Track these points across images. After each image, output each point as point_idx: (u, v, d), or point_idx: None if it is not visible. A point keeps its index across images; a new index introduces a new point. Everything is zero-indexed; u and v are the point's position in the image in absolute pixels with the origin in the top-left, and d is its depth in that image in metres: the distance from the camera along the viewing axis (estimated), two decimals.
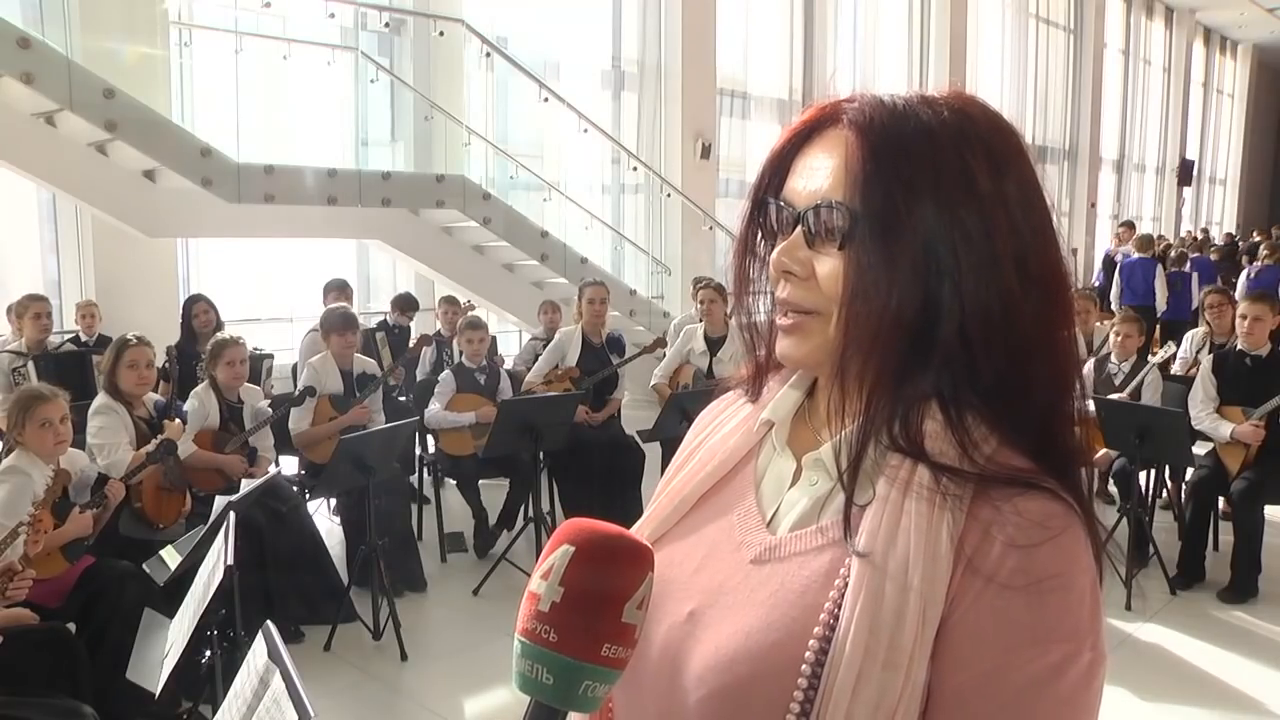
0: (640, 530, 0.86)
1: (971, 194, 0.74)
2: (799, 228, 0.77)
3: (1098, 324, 6.47)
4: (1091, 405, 4.85)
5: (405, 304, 6.85)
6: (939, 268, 0.73)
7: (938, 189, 0.73)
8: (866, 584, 0.70)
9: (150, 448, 3.67)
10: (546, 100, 8.32)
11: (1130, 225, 13.29)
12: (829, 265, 0.76)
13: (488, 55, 8.09)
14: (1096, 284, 12.93)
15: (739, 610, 0.77)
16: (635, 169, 9.60)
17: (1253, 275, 10.88)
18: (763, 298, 0.86)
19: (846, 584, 0.72)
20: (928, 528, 0.71)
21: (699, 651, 0.77)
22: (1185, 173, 21.23)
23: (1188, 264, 10.75)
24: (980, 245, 0.73)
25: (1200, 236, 16.67)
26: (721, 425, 0.92)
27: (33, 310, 5.43)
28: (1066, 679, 0.68)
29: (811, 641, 0.71)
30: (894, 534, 0.71)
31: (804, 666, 0.70)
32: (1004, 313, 0.74)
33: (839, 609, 0.71)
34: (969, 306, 0.73)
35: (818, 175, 0.77)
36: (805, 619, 0.73)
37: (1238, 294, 7.96)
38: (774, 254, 0.79)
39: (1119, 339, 5.20)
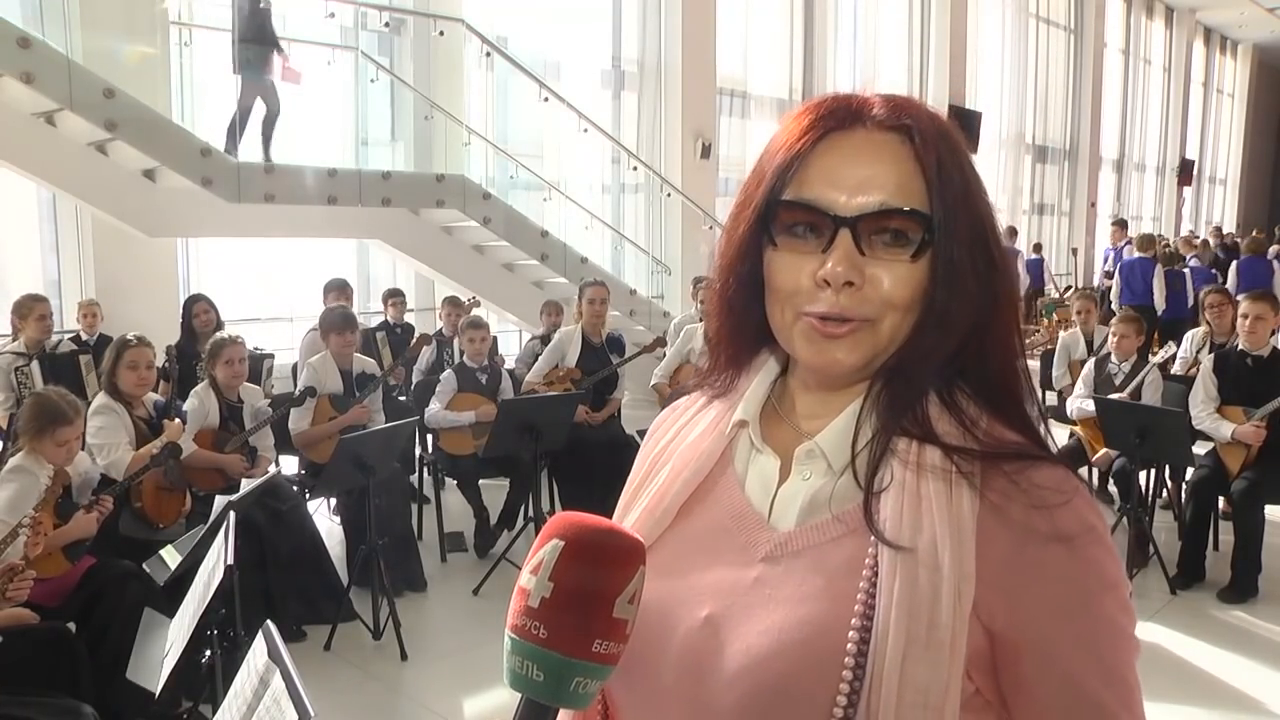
0: None
1: (972, 190, 0.80)
2: (842, 233, 0.76)
3: (1097, 324, 6.47)
4: (1091, 405, 4.85)
5: (393, 294, 6.85)
6: (974, 266, 0.78)
7: (968, 193, 0.78)
8: (900, 571, 0.72)
9: (155, 451, 3.66)
10: (546, 100, 8.32)
11: (1122, 224, 13.27)
12: (894, 272, 0.76)
13: (488, 55, 8.10)
14: (1099, 284, 12.93)
15: (763, 609, 0.76)
16: (635, 169, 9.60)
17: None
18: (739, 299, 0.84)
19: (874, 572, 0.73)
20: (948, 506, 0.73)
21: (727, 654, 0.76)
22: (1185, 173, 21.23)
23: (1180, 262, 10.78)
24: (986, 240, 0.79)
25: (1209, 238, 16.55)
26: (686, 430, 0.90)
27: (36, 311, 5.41)
28: (1129, 614, 0.77)
29: (851, 633, 0.71)
30: (918, 517, 0.73)
31: (847, 659, 0.71)
32: (999, 295, 0.80)
33: (872, 598, 0.72)
34: (984, 291, 0.78)
35: (867, 181, 0.76)
36: (837, 610, 0.73)
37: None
38: (829, 265, 0.75)
39: (1115, 339, 5.20)
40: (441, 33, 8.06)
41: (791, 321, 0.79)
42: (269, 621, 1.45)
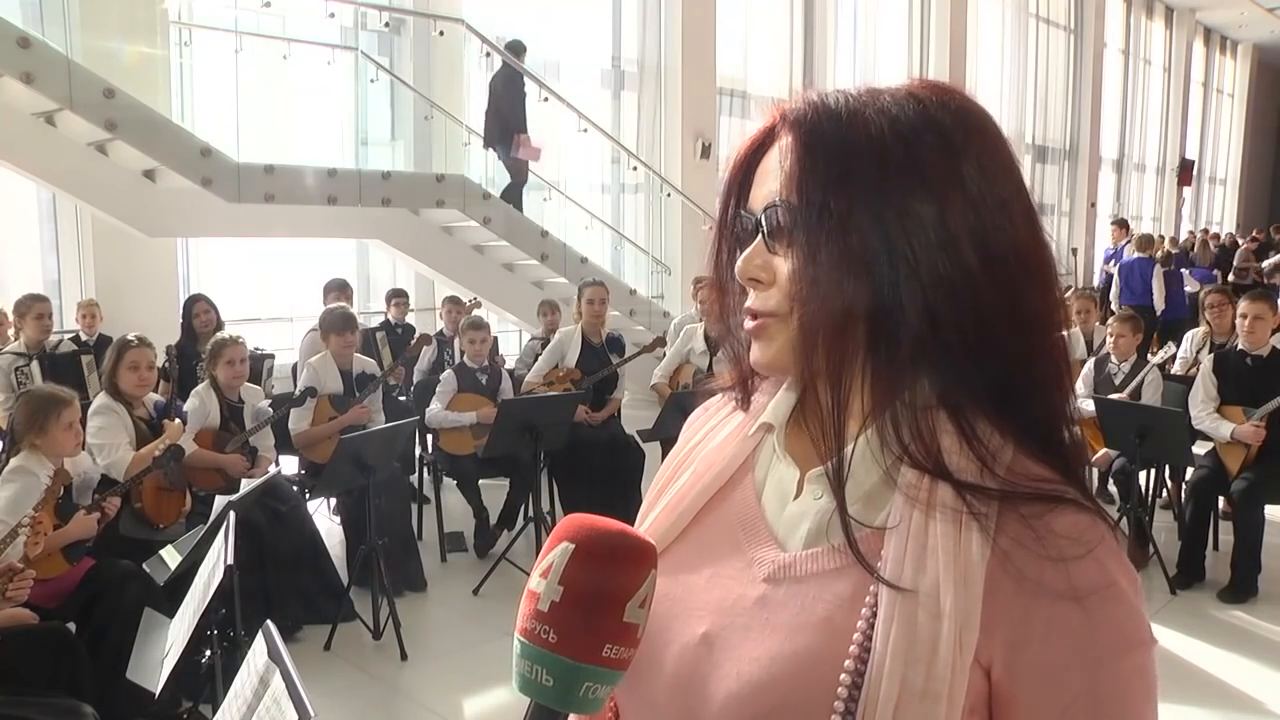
0: None
1: (920, 179, 0.72)
2: (759, 234, 0.77)
3: (1097, 324, 6.48)
4: (1091, 405, 4.85)
5: (397, 294, 6.86)
6: (891, 255, 0.71)
7: (879, 176, 0.72)
8: (898, 614, 0.68)
9: (158, 453, 3.65)
10: (546, 100, 8.32)
11: (1123, 224, 13.28)
12: (787, 266, 0.74)
13: (488, 55, 8.10)
14: (1098, 282, 12.92)
15: (758, 634, 0.74)
16: (635, 169, 9.61)
17: None
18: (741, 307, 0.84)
19: (874, 611, 0.70)
20: (955, 549, 0.69)
21: (718, 677, 0.74)
22: (1185, 173, 21.23)
23: (1172, 263, 10.79)
24: (934, 228, 0.71)
25: (1203, 238, 16.57)
26: (715, 432, 0.89)
27: (35, 310, 5.42)
28: (1146, 679, 0.71)
29: (843, 676, 0.69)
30: (922, 558, 0.69)
31: (837, 703, 0.68)
32: (969, 295, 0.71)
33: (869, 639, 0.69)
34: (930, 292, 0.71)
35: (769, 179, 0.77)
36: (833, 646, 0.70)
37: None
38: (737, 264, 0.77)
39: (1113, 339, 5.20)
40: (441, 33, 8.06)
41: None
42: (269, 621, 1.45)
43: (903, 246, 0.71)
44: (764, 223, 0.76)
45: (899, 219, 0.71)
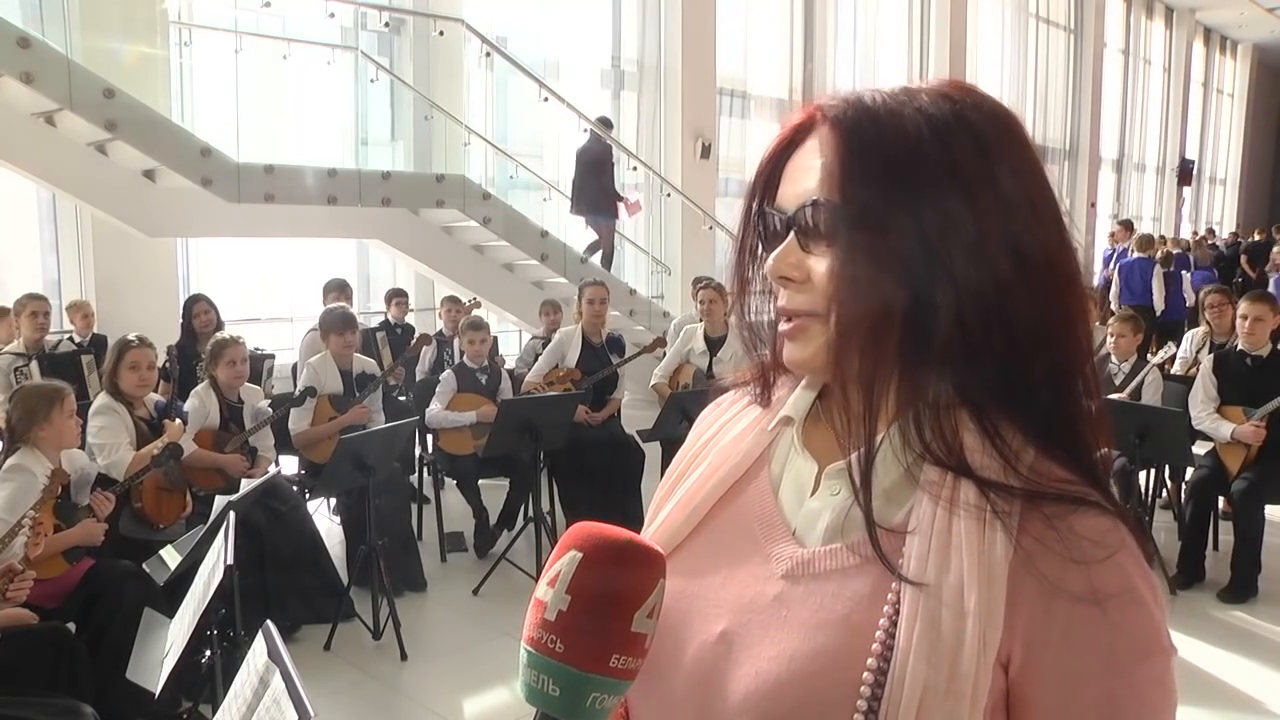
0: (652, 540, 0.80)
1: (956, 180, 0.72)
2: (791, 232, 0.76)
3: (1096, 324, 6.48)
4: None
5: (397, 293, 6.86)
6: (928, 257, 0.70)
7: (918, 177, 0.71)
8: (922, 612, 0.68)
9: (156, 452, 3.65)
10: (546, 100, 8.32)
11: (1128, 225, 13.25)
12: (824, 265, 0.74)
13: (488, 55, 8.10)
14: (1098, 284, 12.91)
15: (777, 631, 0.73)
16: (635, 169, 9.60)
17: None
18: (766, 299, 0.83)
19: (896, 610, 0.69)
20: (979, 548, 0.68)
21: (737, 675, 0.73)
22: (1185, 173, 21.23)
23: (1173, 264, 10.76)
24: (968, 231, 0.71)
25: (1201, 236, 16.57)
26: (729, 426, 0.88)
27: (30, 309, 5.42)
28: (1164, 688, 0.71)
29: (866, 675, 0.68)
30: (946, 557, 0.69)
31: (860, 701, 0.68)
32: (998, 297, 0.71)
33: (891, 637, 0.68)
34: (963, 293, 0.70)
35: (805, 177, 0.76)
36: (853, 644, 0.70)
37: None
38: (768, 262, 0.76)
39: (1114, 339, 5.20)
40: (441, 33, 8.06)
41: None
42: (269, 621, 1.45)
43: (938, 247, 0.71)
44: (800, 221, 0.75)
45: (936, 219, 0.71)
